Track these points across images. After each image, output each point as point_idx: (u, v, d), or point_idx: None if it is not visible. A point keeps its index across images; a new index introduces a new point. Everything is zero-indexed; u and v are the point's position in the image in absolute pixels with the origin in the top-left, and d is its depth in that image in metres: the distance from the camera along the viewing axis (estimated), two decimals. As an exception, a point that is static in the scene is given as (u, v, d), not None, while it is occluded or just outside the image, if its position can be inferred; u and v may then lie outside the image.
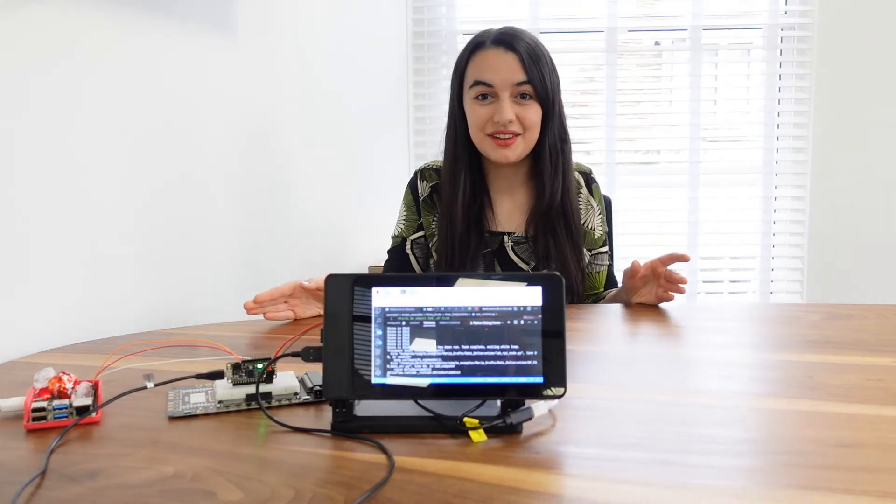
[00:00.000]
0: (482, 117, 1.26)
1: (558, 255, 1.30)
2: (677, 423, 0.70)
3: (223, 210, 1.53)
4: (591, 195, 1.39)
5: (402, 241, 1.41)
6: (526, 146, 1.28)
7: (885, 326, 1.06)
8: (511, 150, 1.26)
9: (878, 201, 2.34)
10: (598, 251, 1.40)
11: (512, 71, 1.24)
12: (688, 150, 2.44)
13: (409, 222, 1.41)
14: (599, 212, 1.40)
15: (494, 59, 1.25)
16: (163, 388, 0.80)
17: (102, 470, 0.62)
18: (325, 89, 1.95)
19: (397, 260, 1.41)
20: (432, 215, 1.39)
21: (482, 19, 2.48)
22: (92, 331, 1.15)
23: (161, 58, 1.33)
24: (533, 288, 0.69)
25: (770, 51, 2.38)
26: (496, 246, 1.35)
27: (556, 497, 0.56)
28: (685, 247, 2.44)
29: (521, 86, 1.24)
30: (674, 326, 1.14)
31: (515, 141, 1.26)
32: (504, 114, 1.23)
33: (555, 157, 1.30)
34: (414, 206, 1.41)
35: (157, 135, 1.33)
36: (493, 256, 1.35)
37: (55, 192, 1.11)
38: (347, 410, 0.69)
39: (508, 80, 1.24)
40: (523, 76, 1.23)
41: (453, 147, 1.33)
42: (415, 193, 1.41)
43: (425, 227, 1.39)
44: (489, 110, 1.25)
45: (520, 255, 1.34)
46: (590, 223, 1.38)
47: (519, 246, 1.35)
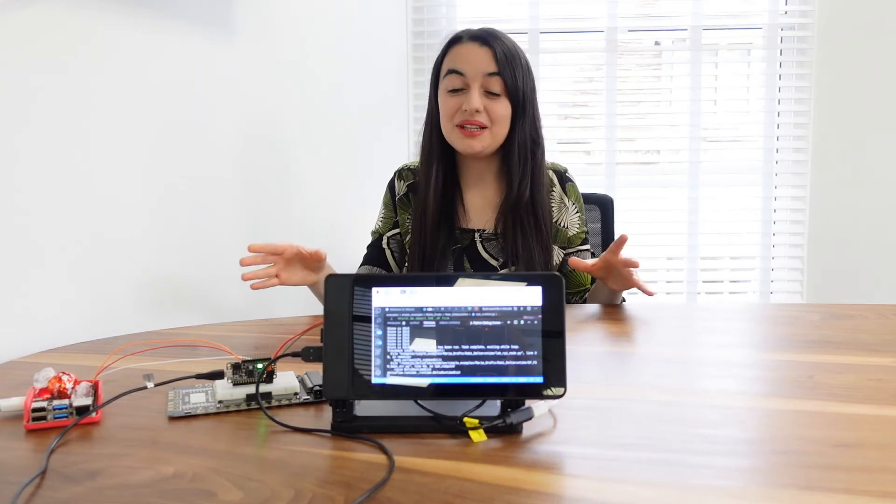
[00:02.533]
0: (451, 107, 1.30)
1: (525, 252, 1.31)
2: (677, 423, 0.70)
3: (223, 210, 1.53)
4: (566, 194, 1.40)
5: (380, 237, 1.44)
6: (493, 140, 1.31)
7: (885, 326, 1.06)
8: (477, 140, 1.29)
9: (878, 201, 2.34)
10: (577, 249, 1.40)
11: (483, 62, 1.28)
12: (688, 150, 2.44)
13: (386, 219, 1.45)
14: (576, 210, 1.40)
15: (468, 52, 1.29)
16: (163, 388, 0.80)
17: (102, 470, 0.62)
18: (326, 89, 1.95)
19: (374, 254, 1.44)
20: (407, 213, 1.42)
21: (482, 19, 2.47)
22: (92, 331, 1.15)
23: (161, 58, 1.33)
24: (533, 288, 0.69)
25: (770, 51, 2.38)
26: (466, 243, 1.37)
27: (556, 497, 0.56)
28: (685, 247, 2.44)
29: (492, 77, 1.27)
30: (674, 326, 1.14)
31: (482, 133, 1.29)
32: (471, 102, 1.26)
33: (524, 156, 1.33)
34: (391, 205, 1.44)
35: (157, 135, 1.33)
36: (463, 252, 1.36)
37: (55, 192, 1.11)
38: (347, 410, 0.69)
39: (479, 71, 1.27)
40: (494, 68, 1.27)
41: (428, 141, 1.37)
42: (392, 192, 1.45)
43: (401, 225, 1.43)
44: (459, 101, 1.29)
45: (490, 251, 1.36)
46: (563, 221, 1.39)
47: (489, 242, 1.36)
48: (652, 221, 2.51)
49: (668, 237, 2.49)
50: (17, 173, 1.05)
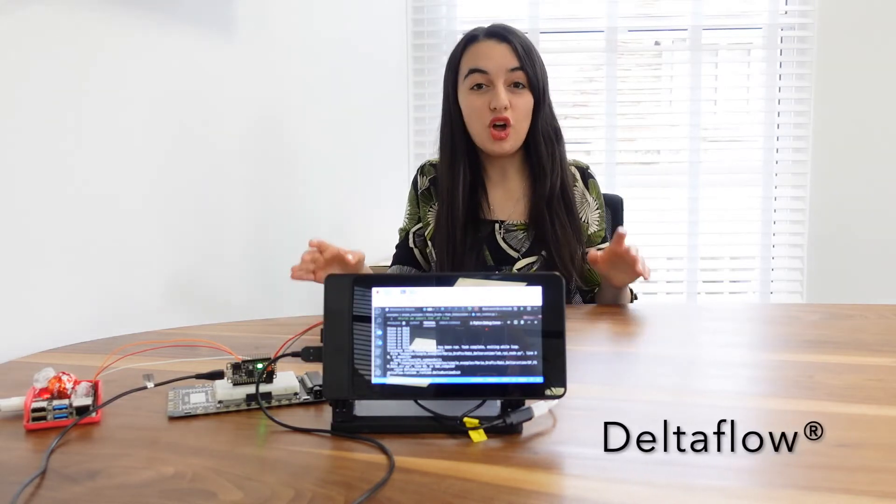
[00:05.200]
0: (479, 107, 1.30)
1: (562, 239, 1.31)
2: (677, 423, 0.70)
3: (224, 210, 1.53)
4: (588, 190, 1.40)
5: (406, 234, 1.45)
6: (518, 137, 1.32)
7: (885, 326, 1.06)
8: (507, 141, 1.30)
9: (878, 201, 2.34)
10: (598, 248, 1.39)
11: (505, 58, 1.29)
12: (688, 150, 2.44)
13: (411, 216, 1.46)
14: (597, 206, 1.41)
15: (488, 49, 1.30)
16: (163, 388, 0.80)
17: (102, 470, 0.62)
18: (326, 89, 1.95)
19: (402, 254, 1.46)
20: (429, 206, 1.43)
21: (482, 19, 2.46)
22: (92, 331, 1.15)
23: (160, 58, 1.33)
24: (533, 288, 0.69)
25: (770, 51, 2.38)
26: (487, 233, 1.37)
27: (556, 497, 0.56)
28: (685, 247, 2.44)
29: (515, 72, 1.29)
30: (674, 326, 1.14)
31: (509, 132, 1.30)
32: (500, 99, 1.27)
33: (550, 145, 1.34)
34: (415, 201, 1.45)
35: (157, 136, 1.33)
36: (484, 243, 1.37)
37: (55, 192, 1.11)
38: (347, 410, 0.69)
39: (503, 67, 1.28)
40: (516, 62, 1.28)
41: (450, 140, 1.36)
42: (416, 188, 1.46)
43: (422, 219, 1.43)
44: (485, 99, 1.29)
45: (509, 242, 1.36)
46: (584, 216, 1.39)
47: (510, 234, 1.37)
48: (652, 221, 2.51)
49: (668, 237, 2.49)
50: (18, 173, 1.05)
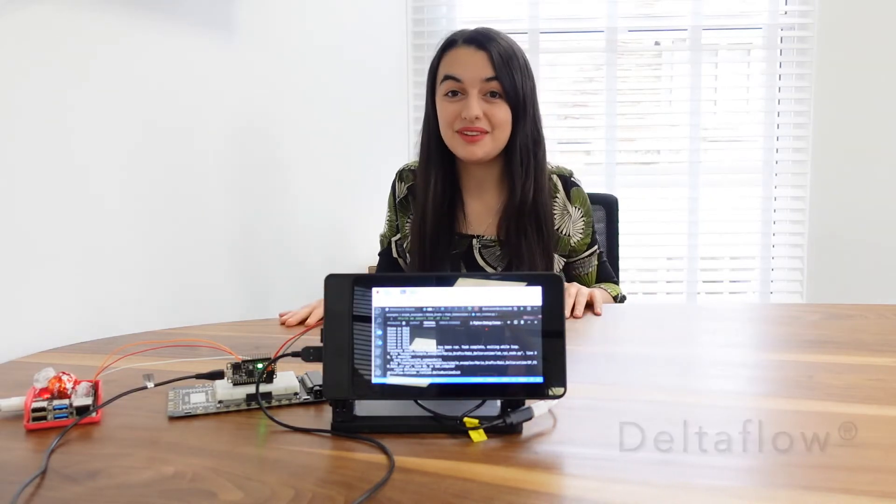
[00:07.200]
0: (451, 114, 1.26)
1: (528, 257, 1.28)
2: (677, 423, 0.70)
3: (224, 210, 1.53)
4: (570, 200, 1.36)
5: (389, 243, 1.43)
6: (495, 145, 1.27)
7: (885, 326, 1.06)
8: (478, 146, 1.26)
9: (878, 201, 2.34)
10: (582, 257, 1.38)
11: (480, 68, 1.24)
12: (688, 150, 2.44)
13: (390, 223, 1.44)
14: (581, 215, 1.36)
15: (465, 56, 1.26)
16: (163, 388, 0.80)
17: (102, 470, 0.62)
18: (325, 89, 1.95)
19: (385, 264, 1.44)
20: (407, 216, 1.40)
21: (482, 19, 2.47)
22: (92, 331, 1.15)
23: (160, 59, 1.33)
24: (533, 288, 0.69)
25: (770, 51, 2.38)
26: (464, 248, 1.34)
27: (556, 497, 0.56)
28: (685, 247, 2.44)
29: (490, 82, 1.24)
30: (674, 326, 1.14)
31: (483, 138, 1.25)
32: (471, 110, 1.23)
33: (525, 159, 1.29)
34: (393, 207, 1.42)
35: (156, 135, 1.33)
36: (461, 259, 1.34)
37: (55, 192, 1.11)
38: (347, 410, 0.69)
39: (477, 77, 1.24)
40: (491, 73, 1.23)
41: (427, 146, 1.33)
42: (394, 194, 1.43)
43: (401, 229, 1.41)
44: (458, 107, 1.25)
45: (486, 258, 1.34)
46: (564, 229, 1.35)
47: (487, 249, 1.34)
48: (652, 221, 2.51)
49: (668, 237, 2.49)
50: (17, 174, 1.05)
